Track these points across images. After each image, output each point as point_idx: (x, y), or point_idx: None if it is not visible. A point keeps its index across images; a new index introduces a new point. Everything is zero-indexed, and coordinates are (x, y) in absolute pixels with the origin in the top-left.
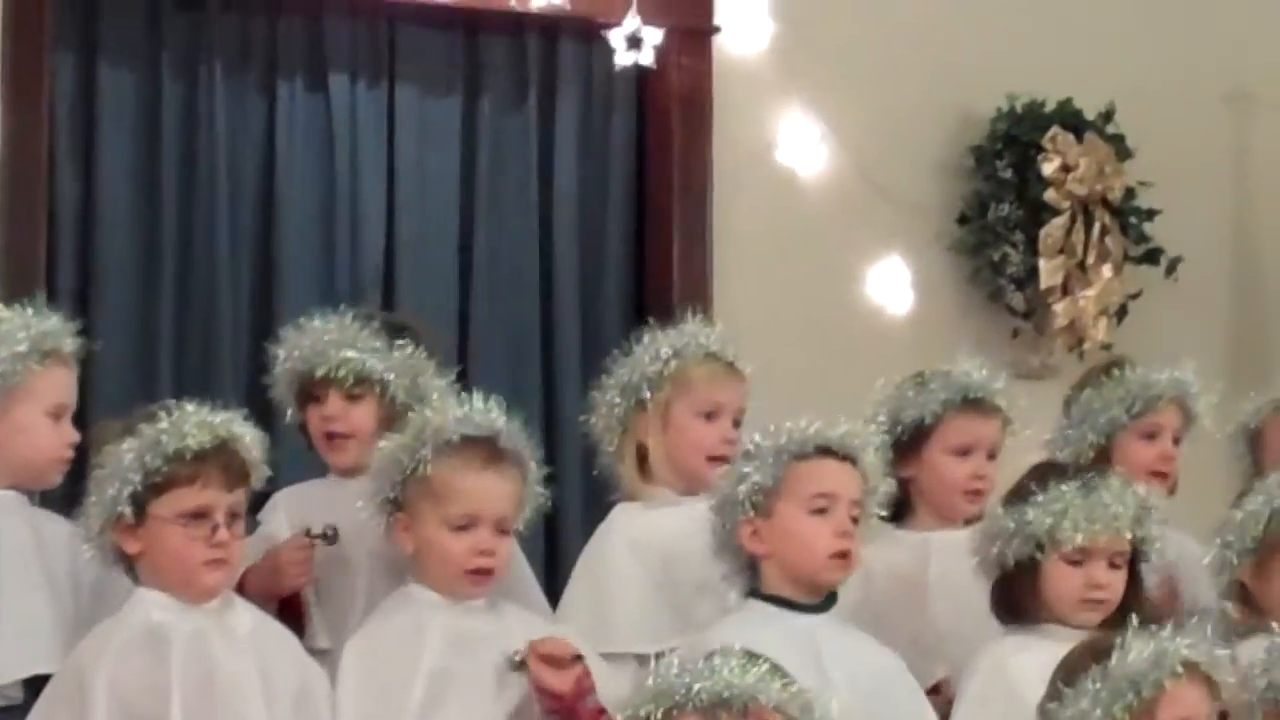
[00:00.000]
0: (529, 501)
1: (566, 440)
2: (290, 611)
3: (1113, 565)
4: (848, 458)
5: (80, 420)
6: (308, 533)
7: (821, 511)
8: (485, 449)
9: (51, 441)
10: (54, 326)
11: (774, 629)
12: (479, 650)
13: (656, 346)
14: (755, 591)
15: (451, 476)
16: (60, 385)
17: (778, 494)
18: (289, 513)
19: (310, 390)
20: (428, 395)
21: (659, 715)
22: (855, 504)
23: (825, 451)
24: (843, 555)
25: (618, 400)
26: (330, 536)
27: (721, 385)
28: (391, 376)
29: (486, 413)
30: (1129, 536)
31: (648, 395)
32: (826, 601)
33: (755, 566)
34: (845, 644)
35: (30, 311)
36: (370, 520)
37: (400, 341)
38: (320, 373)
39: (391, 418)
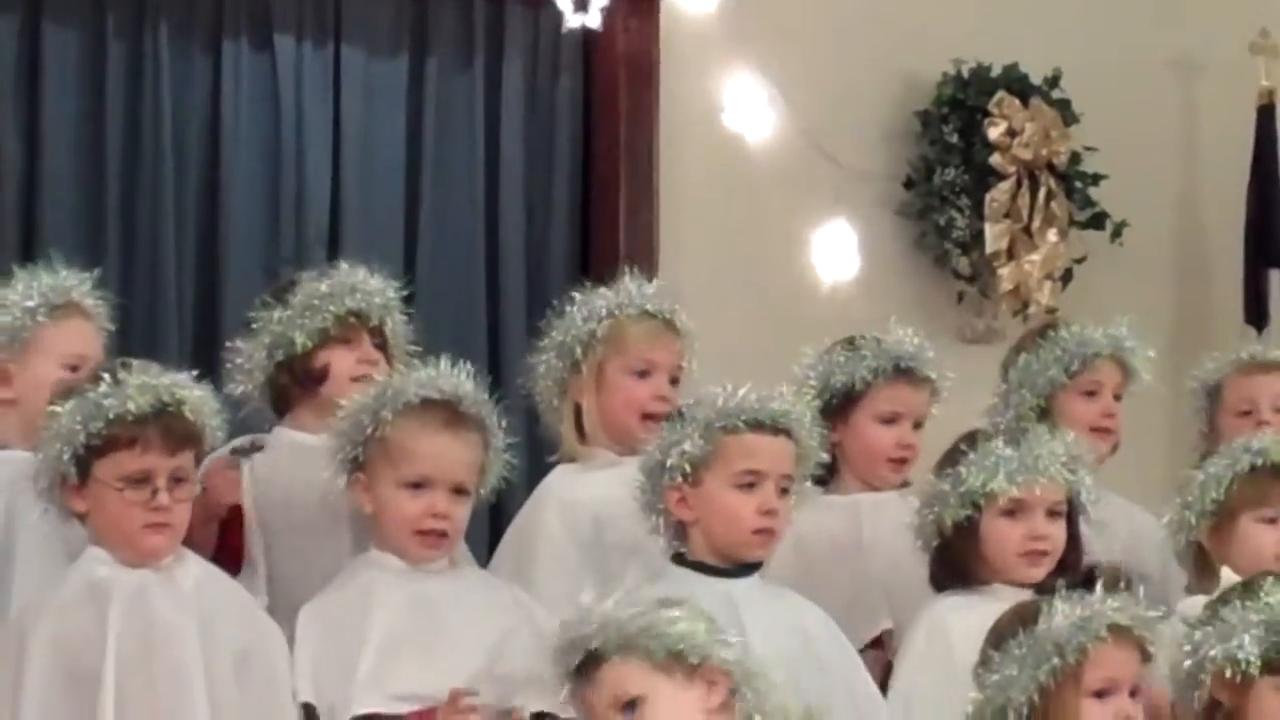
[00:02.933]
0: (491, 468)
1: (511, 400)
2: (229, 550)
3: (1051, 516)
4: (781, 431)
5: None
6: (232, 450)
7: (749, 486)
8: (444, 412)
9: None
10: (63, 280)
11: (690, 594)
12: (437, 612)
13: (589, 306)
14: (679, 556)
15: (407, 437)
16: (75, 336)
17: (706, 465)
18: (254, 464)
19: (343, 331)
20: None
21: (605, 655)
22: (785, 478)
23: (757, 426)
24: (765, 531)
25: (555, 362)
26: (249, 449)
27: (655, 342)
28: (399, 343)
29: (451, 377)
30: (1063, 486)
31: (581, 356)
32: (752, 565)
33: (683, 528)
34: (767, 606)
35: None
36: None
37: None
38: (375, 315)
39: None
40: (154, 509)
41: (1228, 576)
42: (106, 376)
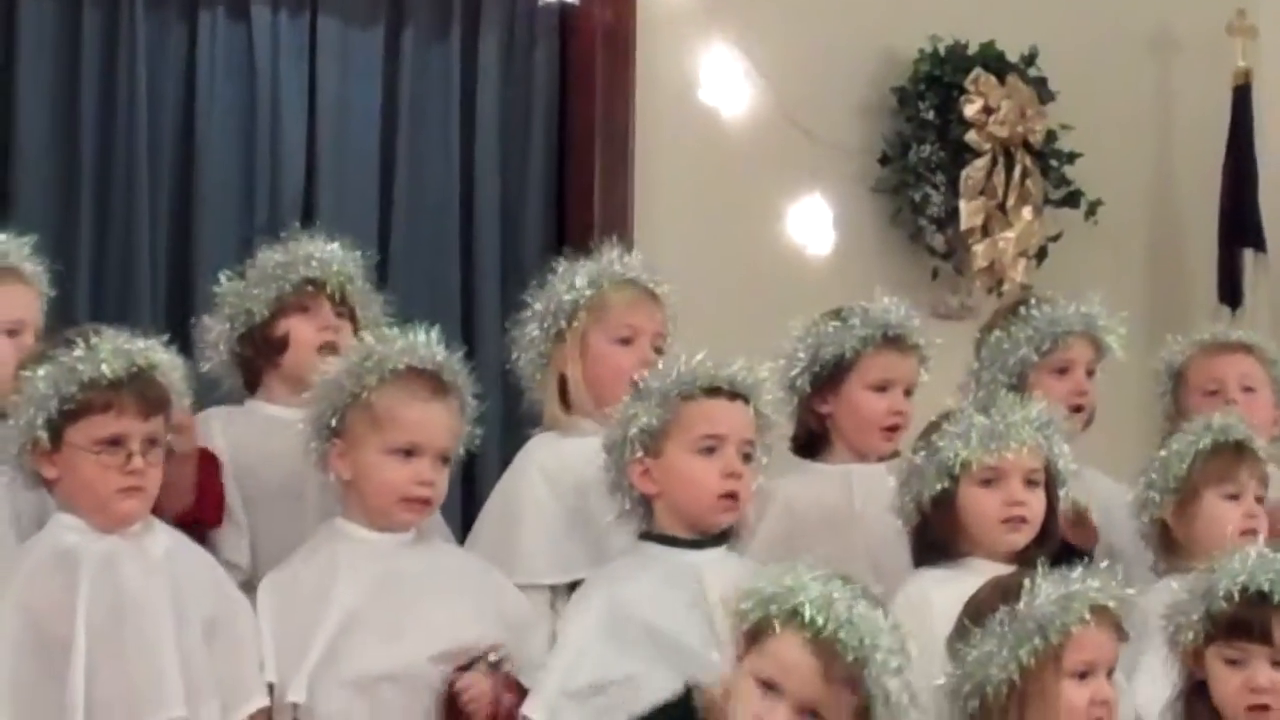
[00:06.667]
0: (463, 434)
1: (485, 372)
2: (207, 501)
3: (1029, 485)
4: (738, 396)
5: None
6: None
7: (710, 451)
8: (430, 380)
9: (8, 357)
10: (1, 245)
11: (658, 569)
12: (403, 589)
13: (573, 276)
14: (647, 532)
15: (396, 405)
16: (14, 301)
17: (666, 434)
18: (226, 434)
19: (301, 299)
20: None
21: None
22: (747, 442)
23: (714, 391)
24: (730, 496)
25: (537, 332)
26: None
27: (637, 310)
28: (368, 312)
29: (431, 346)
30: (1039, 453)
31: (564, 325)
32: (720, 536)
33: (649, 504)
34: (732, 576)
35: None
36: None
37: None
38: (333, 282)
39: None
40: (128, 473)
41: None
42: (79, 341)
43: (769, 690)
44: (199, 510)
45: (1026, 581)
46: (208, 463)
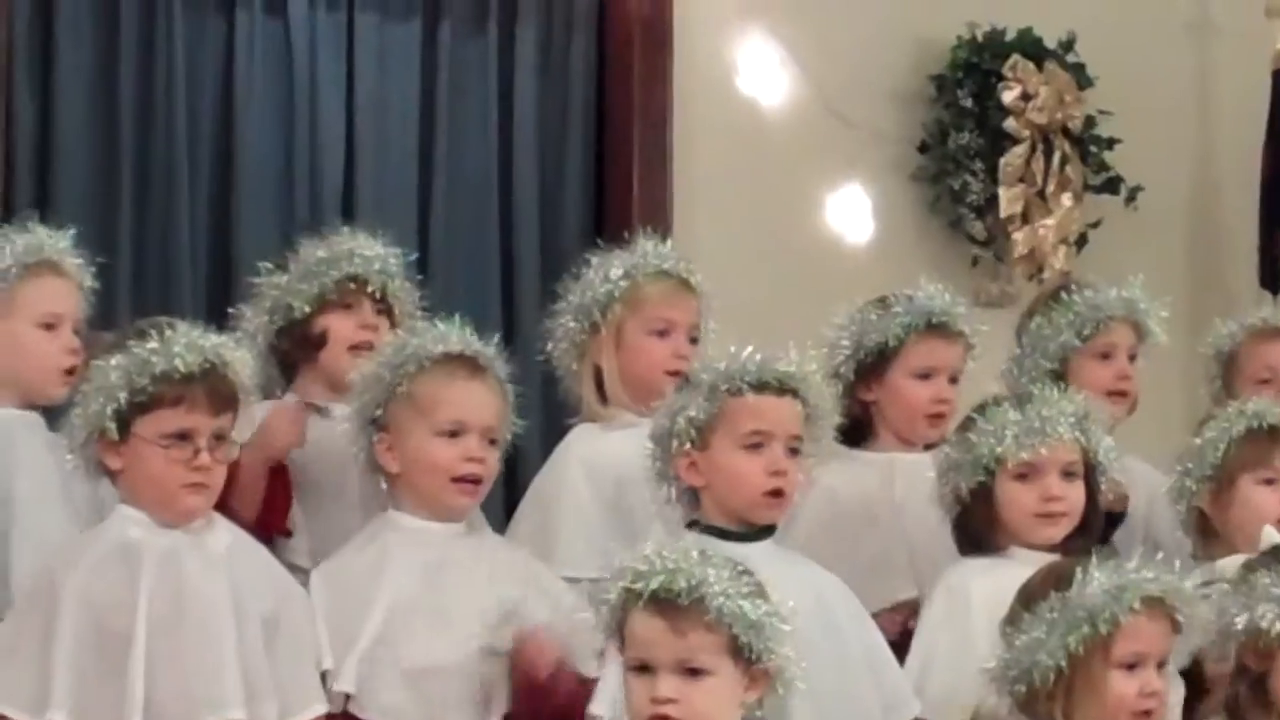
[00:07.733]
0: (509, 421)
1: (525, 363)
2: (275, 507)
3: (1066, 477)
4: (787, 391)
5: None
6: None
7: (756, 447)
8: (468, 362)
9: (46, 352)
10: (38, 239)
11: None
12: (454, 578)
13: (607, 267)
14: (694, 522)
15: (437, 388)
16: (50, 295)
17: (713, 428)
18: None
19: (342, 296)
20: None
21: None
22: (794, 438)
23: (761, 387)
24: (775, 493)
25: (572, 324)
26: (322, 409)
27: (673, 302)
28: (405, 309)
29: (462, 332)
30: (1076, 445)
31: (599, 317)
32: (766, 529)
33: (695, 495)
34: (782, 571)
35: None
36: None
37: None
38: (375, 280)
39: None
40: (195, 468)
41: (1269, 536)
42: (153, 333)
43: (646, 671)
44: (268, 518)
45: (1079, 569)
46: (280, 472)
